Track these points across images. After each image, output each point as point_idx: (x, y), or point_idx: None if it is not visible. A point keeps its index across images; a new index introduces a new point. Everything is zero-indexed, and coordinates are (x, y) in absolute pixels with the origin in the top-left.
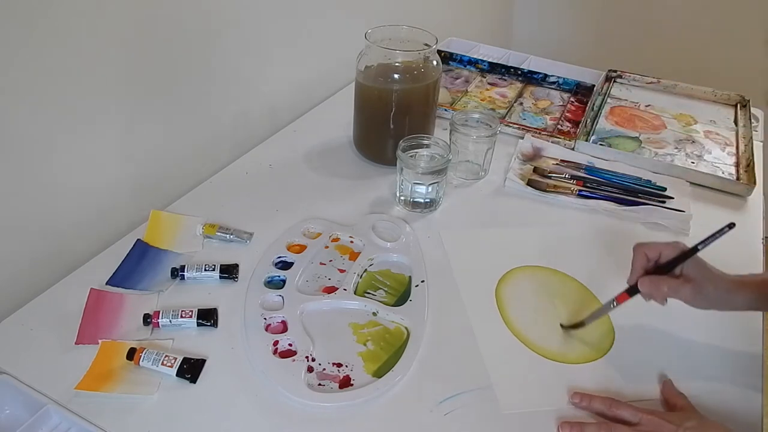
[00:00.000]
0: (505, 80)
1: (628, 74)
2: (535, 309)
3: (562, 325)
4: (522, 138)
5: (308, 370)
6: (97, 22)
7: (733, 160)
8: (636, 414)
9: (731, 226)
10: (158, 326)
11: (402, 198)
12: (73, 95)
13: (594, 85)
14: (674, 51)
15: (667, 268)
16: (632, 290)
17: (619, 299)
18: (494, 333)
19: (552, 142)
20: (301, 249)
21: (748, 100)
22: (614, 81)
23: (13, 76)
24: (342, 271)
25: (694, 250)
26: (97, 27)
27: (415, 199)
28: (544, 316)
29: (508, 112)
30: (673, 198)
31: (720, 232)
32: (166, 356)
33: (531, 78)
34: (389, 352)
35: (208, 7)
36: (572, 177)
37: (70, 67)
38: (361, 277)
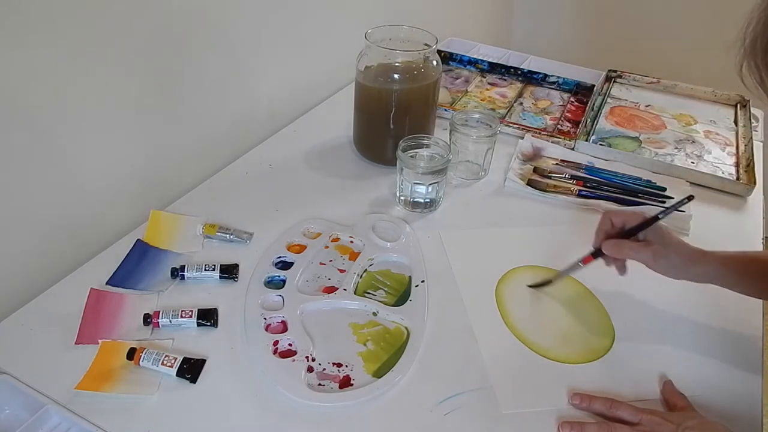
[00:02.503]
0: (505, 80)
1: (628, 74)
2: (535, 309)
3: (529, 285)
4: (522, 138)
5: (308, 370)
6: (99, 25)
7: (733, 160)
8: (636, 414)
9: (690, 198)
10: (158, 326)
11: (402, 198)
12: (72, 96)
13: (594, 85)
14: (674, 51)
15: (630, 234)
16: (597, 253)
17: (585, 261)
18: (494, 333)
19: (552, 142)
20: (301, 249)
21: (748, 100)
22: (614, 81)
23: (12, 78)
24: (342, 271)
25: (655, 218)
26: (99, 29)
27: (415, 199)
28: (544, 316)
29: (508, 112)
30: (673, 198)
31: (680, 203)
32: (166, 356)
33: (531, 78)
34: (389, 352)
35: (207, 7)
36: (572, 177)
37: (68, 68)
38: (361, 277)
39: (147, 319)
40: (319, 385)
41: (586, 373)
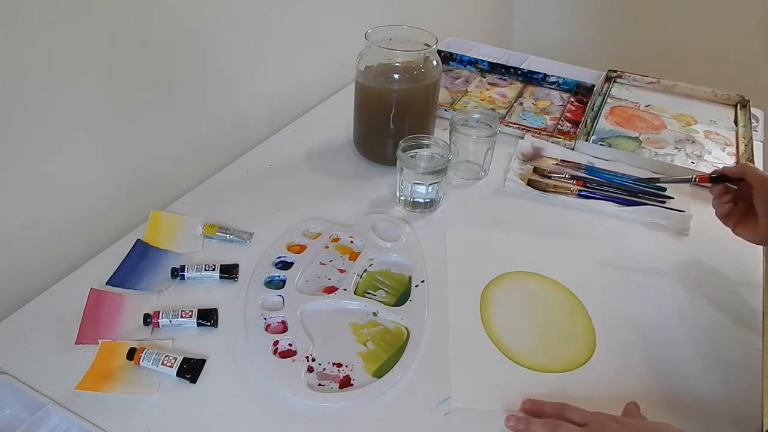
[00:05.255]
0: (505, 80)
1: (628, 74)
2: (520, 316)
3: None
4: (522, 138)
5: (308, 370)
6: (97, 21)
7: (733, 160)
8: (585, 416)
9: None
10: (158, 326)
11: (402, 198)
12: (72, 95)
13: (594, 85)
14: (674, 51)
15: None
16: (714, 179)
17: (700, 179)
18: (469, 332)
19: (552, 142)
20: (301, 249)
21: (748, 100)
22: (614, 81)
23: (12, 76)
24: (342, 271)
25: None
26: (97, 26)
27: (415, 199)
28: (527, 323)
29: (508, 112)
30: (673, 198)
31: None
32: (166, 356)
33: (531, 78)
34: (389, 352)
35: (208, 6)
36: (572, 177)
37: (69, 66)
38: (361, 277)
39: (147, 319)
40: (319, 385)
41: (558, 381)
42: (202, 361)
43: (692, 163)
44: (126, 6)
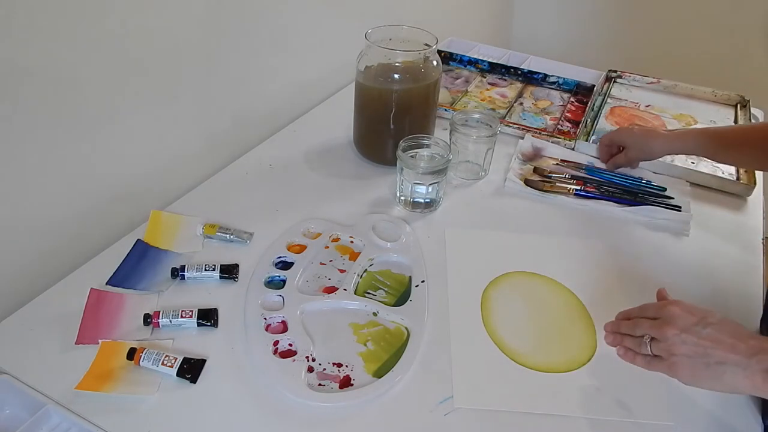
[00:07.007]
0: (505, 80)
1: (628, 74)
2: (520, 316)
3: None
4: (522, 138)
5: (308, 370)
6: (100, 26)
7: None
8: (657, 310)
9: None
10: (158, 326)
11: (402, 198)
12: (71, 96)
13: (594, 85)
14: (674, 51)
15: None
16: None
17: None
18: (470, 332)
19: (552, 142)
20: (301, 249)
21: (748, 100)
22: (614, 81)
23: (13, 78)
24: (342, 271)
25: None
26: (99, 30)
27: (415, 199)
28: (528, 324)
29: (508, 112)
30: (673, 198)
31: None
32: (166, 356)
33: (531, 78)
34: (389, 352)
35: (208, 7)
36: (572, 177)
37: (68, 68)
38: (361, 277)
39: (147, 319)
40: (319, 385)
41: (559, 381)
42: (202, 361)
43: (692, 163)
44: (124, 9)
